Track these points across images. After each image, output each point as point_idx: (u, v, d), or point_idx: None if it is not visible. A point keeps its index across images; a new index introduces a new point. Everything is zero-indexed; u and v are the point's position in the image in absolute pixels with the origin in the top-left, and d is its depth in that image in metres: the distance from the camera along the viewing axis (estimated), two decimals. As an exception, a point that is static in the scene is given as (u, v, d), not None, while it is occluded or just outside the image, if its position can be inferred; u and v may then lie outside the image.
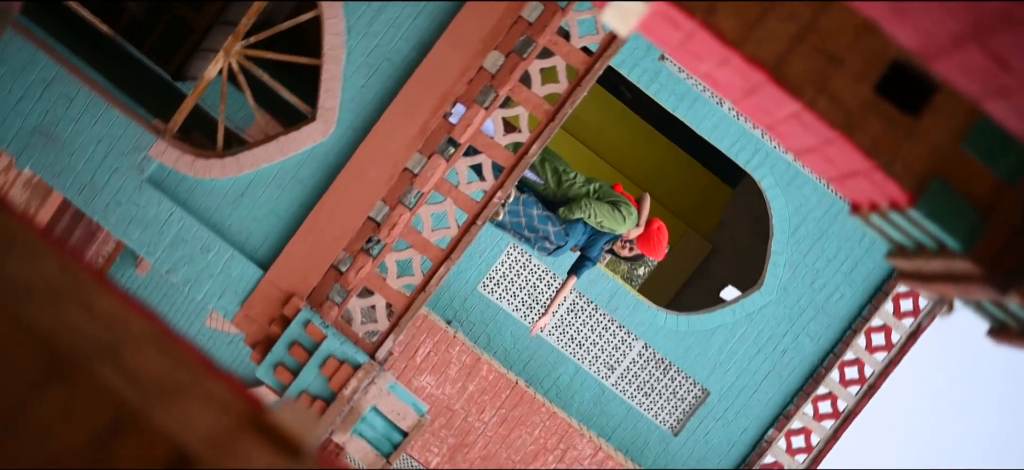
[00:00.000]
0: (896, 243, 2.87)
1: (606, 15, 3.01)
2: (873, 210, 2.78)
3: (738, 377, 11.01)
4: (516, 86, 6.75)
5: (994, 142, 2.59)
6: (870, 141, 2.54)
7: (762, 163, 10.56)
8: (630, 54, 10.22)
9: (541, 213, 8.38)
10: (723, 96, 2.91)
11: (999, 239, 2.57)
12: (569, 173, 8.39)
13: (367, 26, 6.74)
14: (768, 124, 2.88)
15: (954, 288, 2.78)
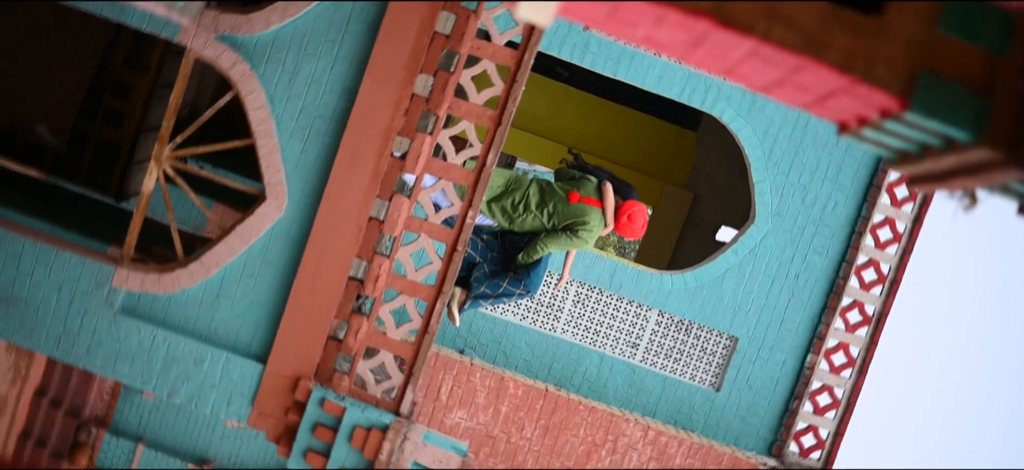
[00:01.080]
0: (897, 151, 2.61)
1: (521, 12, 2.78)
2: (863, 124, 2.52)
3: (760, 314, 10.75)
4: (454, 102, 6.48)
5: (972, 15, 2.33)
6: (841, 55, 2.28)
7: (717, 99, 10.32)
8: (556, 34, 9.96)
9: (498, 282, 8.07)
10: (669, 55, 2.64)
11: (1008, 116, 2.31)
12: (518, 208, 7.93)
13: (287, 90, 6.46)
14: (725, 69, 2.62)
15: (974, 179, 2.52)
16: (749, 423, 10.87)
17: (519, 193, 7.89)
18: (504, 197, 7.88)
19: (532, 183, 7.92)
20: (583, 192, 7.87)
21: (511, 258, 8.11)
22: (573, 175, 8.04)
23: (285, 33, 6.37)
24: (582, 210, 7.86)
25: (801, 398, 10.76)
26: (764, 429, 10.90)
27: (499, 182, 7.82)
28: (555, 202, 7.88)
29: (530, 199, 7.87)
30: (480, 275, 8.09)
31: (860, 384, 10.85)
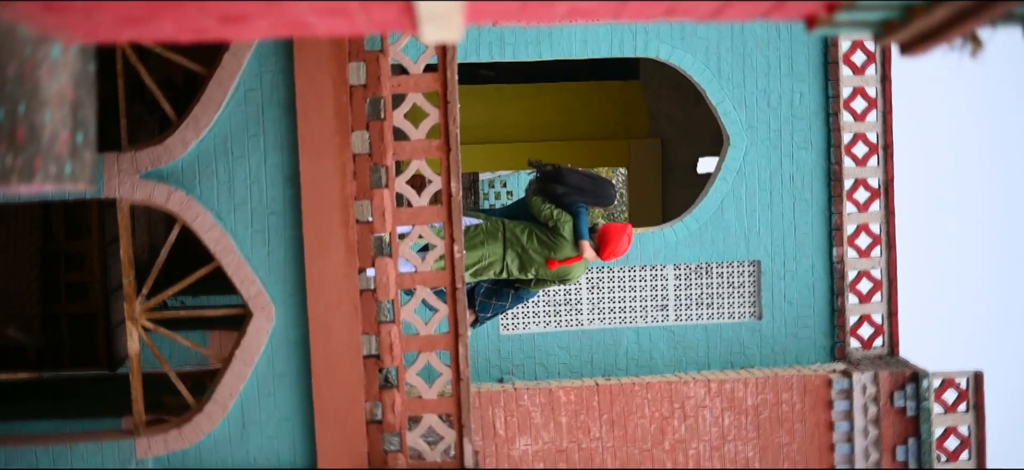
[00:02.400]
0: (879, 23, 2.22)
1: (426, 35, 2.42)
2: (833, 10, 2.14)
3: (772, 229, 10.36)
4: (396, 146, 6.13)
5: None
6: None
7: (647, 40, 9.96)
8: (469, 39, 9.62)
9: (502, 303, 7.87)
10: (598, 19, 2.27)
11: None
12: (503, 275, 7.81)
13: (231, 200, 6.09)
14: (665, 12, 2.24)
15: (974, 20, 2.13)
16: (802, 337, 10.47)
17: (498, 264, 7.71)
18: (486, 270, 7.72)
19: (507, 251, 7.67)
20: (560, 255, 7.73)
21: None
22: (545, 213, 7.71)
23: (206, 146, 6.00)
24: (564, 271, 7.82)
25: (842, 294, 10.36)
26: (819, 337, 10.50)
27: (472, 261, 7.57)
28: (536, 267, 7.77)
29: (511, 267, 7.72)
30: (483, 298, 7.85)
31: (894, 257, 10.47)
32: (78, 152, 3.10)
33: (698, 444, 9.76)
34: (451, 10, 2.26)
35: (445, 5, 2.21)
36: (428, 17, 2.33)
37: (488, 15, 2.36)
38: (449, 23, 2.34)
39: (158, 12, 2.47)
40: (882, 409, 9.75)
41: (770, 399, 9.89)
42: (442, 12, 2.27)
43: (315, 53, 5.72)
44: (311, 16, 2.48)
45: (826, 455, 9.84)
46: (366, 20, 2.48)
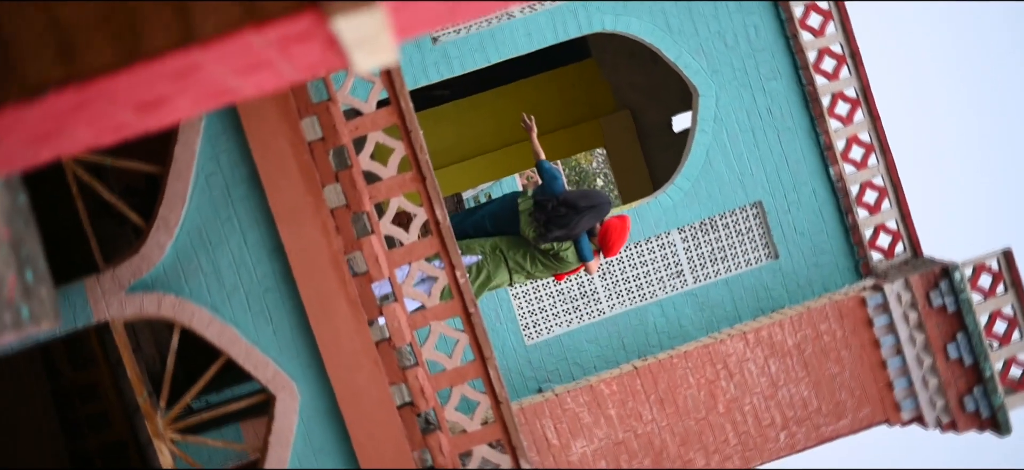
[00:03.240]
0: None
1: (359, 65, 2.16)
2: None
3: (764, 166, 10.07)
4: (371, 190, 5.86)
5: None
6: None
7: (589, 16, 9.70)
8: (413, 65, 9.36)
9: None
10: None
11: None
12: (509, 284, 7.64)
13: (222, 289, 5.84)
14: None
15: None
16: (823, 264, 10.16)
17: (505, 284, 7.58)
18: (492, 287, 7.53)
19: (513, 276, 7.52)
20: (566, 269, 7.76)
21: None
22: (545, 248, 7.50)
23: (183, 243, 5.74)
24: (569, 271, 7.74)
25: (851, 210, 10.06)
26: (840, 260, 10.19)
27: (479, 288, 7.36)
28: (545, 274, 7.70)
29: (515, 279, 7.62)
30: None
31: (891, 160, 10.17)
32: (32, 291, 2.84)
33: (751, 399, 9.45)
34: (375, 29, 1.99)
35: (367, 23, 1.94)
36: (354, 44, 2.06)
37: (417, 25, 2.09)
38: (378, 44, 2.07)
39: (66, 121, 2.21)
40: (922, 313, 9.44)
41: (809, 334, 9.59)
42: (366, 33, 2.00)
43: (264, 119, 5.47)
44: (232, 79, 2.21)
45: (879, 373, 9.53)
46: (290, 67, 2.21)
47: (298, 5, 1.93)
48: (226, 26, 1.97)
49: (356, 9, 1.89)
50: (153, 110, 2.28)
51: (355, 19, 1.92)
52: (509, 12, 9.61)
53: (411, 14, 2.00)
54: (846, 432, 9.37)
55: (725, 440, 9.34)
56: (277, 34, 1.99)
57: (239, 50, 2.03)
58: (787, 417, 9.40)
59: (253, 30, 1.96)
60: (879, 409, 9.42)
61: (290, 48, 2.08)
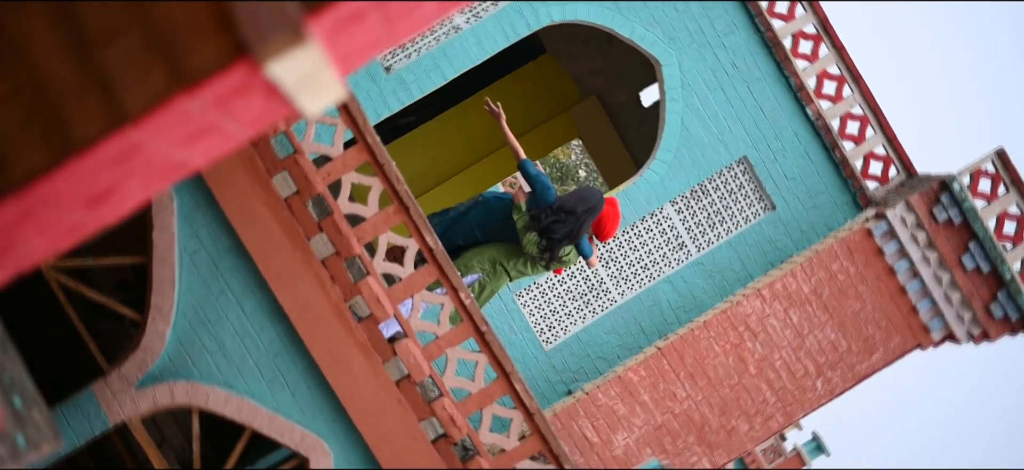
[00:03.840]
0: None
1: (307, 109, 1.99)
2: None
3: (741, 121, 9.89)
4: (357, 232, 5.69)
5: None
6: None
7: (535, 12, 9.52)
8: (372, 98, 9.18)
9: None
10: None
11: None
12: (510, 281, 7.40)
13: (231, 362, 5.67)
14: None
15: None
16: (821, 205, 9.97)
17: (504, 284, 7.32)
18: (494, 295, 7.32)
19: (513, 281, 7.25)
20: (565, 264, 7.60)
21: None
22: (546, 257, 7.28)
23: (182, 326, 5.57)
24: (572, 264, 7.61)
25: (837, 145, 9.87)
26: (837, 196, 9.98)
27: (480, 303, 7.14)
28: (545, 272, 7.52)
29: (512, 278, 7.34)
30: None
31: (864, 87, 10.00)
32: (24, 418, 2.67)
33: (780, 353, 9.26)
34: (313, 67, 1.81)
35: (303, 62, 1.77)
36: (296, 87, 1.88)
37: (358, 53, 1.91)
38: (321, 82, 1.90)
39: (14, 235, 2.03)
40: (929, 230, 9.25)
41: (823, 277, 9.40)
42: (306, 73, 1.82)
43: (235, 186, 5.31)
44: (177, 152, 2.04)
45: (901, 299, 9.34)
46: (237, 126, 2.04)
47: (227, 58, 1.75)
48: (155, 97, 1.79)
49: (288, 50, 1.71)
50: (103, 202, 2.11)
51: (290, 61, 1.74)
52: (455, 25, 9.45)
53: (348, 42, 1.82)
54: (881, 365, 9.18)
55: (763, 400, 9.15)
56: (212, 94, 1.81)
57: (176, 119, 1.86)
58: (819, 364, 9.21)
59: (185, 95, 1.79)
60: (908, 335, 9.23)
61: (230, 106, 1.90)
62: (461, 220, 6.92)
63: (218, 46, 1.75)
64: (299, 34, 1.70)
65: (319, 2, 1.68)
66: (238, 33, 1.72)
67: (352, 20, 1.74)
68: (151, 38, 1.77)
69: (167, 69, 1.77)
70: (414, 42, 9.51)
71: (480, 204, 7.17)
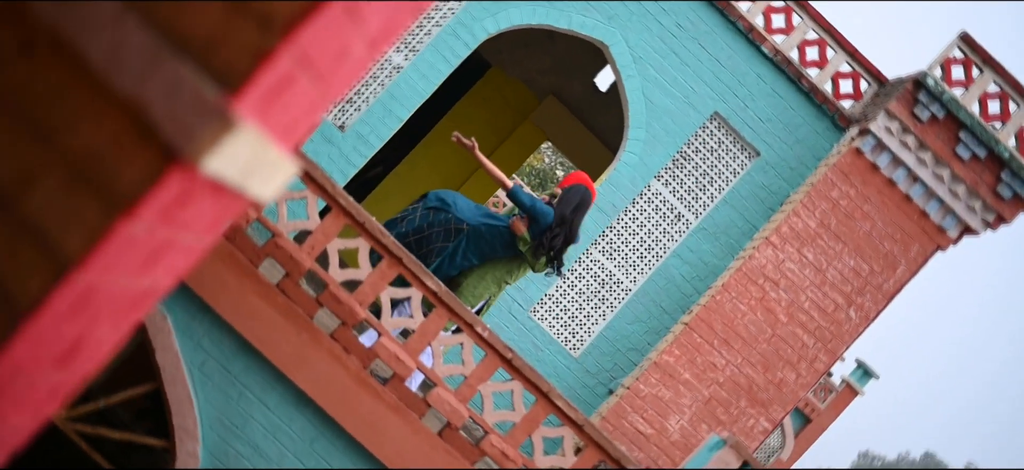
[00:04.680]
0: None
1: (261, 195, 1.81)
2: None
3: (702, 77, 9.69)
4: (357, 296, 5.50)
5: None
6: None
7: (470, 28, 9.36)
8: (335, 160, 9.03)
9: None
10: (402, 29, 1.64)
11: None
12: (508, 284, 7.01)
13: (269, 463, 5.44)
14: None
15: None
16: (803, 138, 9.73)
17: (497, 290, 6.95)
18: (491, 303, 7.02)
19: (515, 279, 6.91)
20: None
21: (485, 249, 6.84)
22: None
23: (211, 440, 5.37)
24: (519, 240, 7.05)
25: (801, 75, 9.67)
26: (816, 125, 9.74)
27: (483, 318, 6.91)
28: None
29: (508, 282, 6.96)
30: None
31: (813, 11, 9.81)
32: None
33: (805, 294, 9.02)
34: (253, 149, 1.61)
35: (241, 149, 1.57)
36: (242, 177, 1.68)
37: (298, 121, 1.71)
38: (267, 162, 1.70)
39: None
40: (917, 132, 9.04)
41: (826, 207, 9.18)
42: (247, 159, 1.62)
43: (224, 286, 5.11)
44: (138, 280, 1.84)
45: (908, 207, 9.10)
46: (193, 235, 1.84)
47: (157, 168, 1.55)
48: (94, 233, 1.59)
49: (220, 141, 1.51)
50: (75, 356, 1.91)
51: (225, 152, 1.54)
52: (395, 65, 9.27)
53: (283, 112, 1.62)
54: (907, 278, 8.94)
55: (802, 345, 8.91)
56: (153, 212, 1.61)
57: (123, 249, 1.66)
58: (847, 293, 8.97)
59: (125, 221, 1.59)
60: (926, 240, 8.99)
61: (177, 217, 1.70)
62: (453, 256, 6.58)
63: (145, 159, 1.55)
64: (227, 120, 1.50)
65: (239, 79, 1.48)
66: (162, 138, 1.52)
67: (280, 89, 1.54)
68: (73, 171, 1.57)
69: (98, 199, 1.57)
70: (359, 93, 9.35)
71: (468, 236, 6.71)
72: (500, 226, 6.63)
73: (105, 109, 1.53)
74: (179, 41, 1.50)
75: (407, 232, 6.42)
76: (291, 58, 1.51)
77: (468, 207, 6.74)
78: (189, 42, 1.49)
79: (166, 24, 1.49)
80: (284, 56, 1.49)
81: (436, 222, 6.50)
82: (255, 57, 1.49)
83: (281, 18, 1.45)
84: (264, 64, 1.50)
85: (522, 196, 6.65)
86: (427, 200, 6.69)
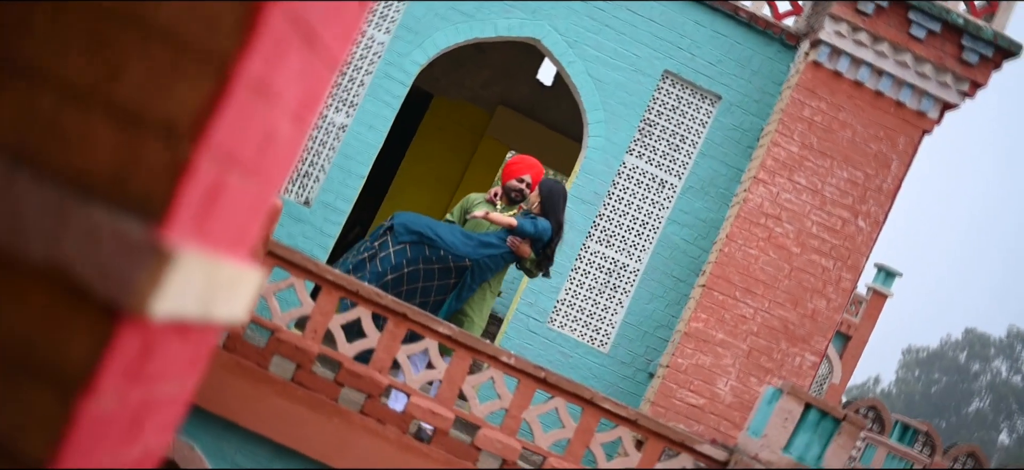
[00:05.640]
0: None
1: (236, 314, 1.60)
2: None
3: (641, 42, 9.52)
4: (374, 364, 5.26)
5: None
6: None
7: (402, 70, 9.18)
8: (306, 236, 8.92)
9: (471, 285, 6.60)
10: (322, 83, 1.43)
11: None
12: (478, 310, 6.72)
13: None
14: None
15: None
16: (759, 68, 9.54)
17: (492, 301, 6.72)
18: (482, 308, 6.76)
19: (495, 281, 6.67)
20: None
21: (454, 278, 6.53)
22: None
23: None
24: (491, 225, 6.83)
25: (736, 9, 9.49)
26: (766, 50, 9.50)
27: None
28: None
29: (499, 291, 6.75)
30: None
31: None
32: None
33: (808, 218, 8.79)
34: (203, 273, 1.39)
35: (190, 277, 1.34)
36: (204, 306, 1.46)
37: (247, 223, 1.50)
38: (227, 280, 1.48)
39: None
40: (867, 27, 8.83)
41: (802, 128, 8.97)
42: (203, 286, 1.40)
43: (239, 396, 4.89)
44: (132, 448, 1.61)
45: (881, 101, 8.88)
46: (173, 384, 1.61)
47: (104, 333, 1.32)
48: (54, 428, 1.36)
49: (162, 278, 1.28)
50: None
51: (172, 288, 1.31)
52: (340, 125, 9.09)
53: (225, 220, 1.40)
54: (903, 171, 8.71)
55: (823, 270, 8.68)
56: (115, 379, 1.38)
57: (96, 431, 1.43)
58: (850, 205, 8.74)
59: (86, 402, 1.36)
60: (909, 129, 8.77)
61: (145, 373, 1.47)
62: (460, 293, 6.33)
63: (87, 326, 1.32)
64: (163, 254, 1.27)
65: (161, 205, 1.26)
66: (98, 298, 1.29)
67: (211, 199, 1.32)
68: (11, 364, 1.35)
69: (49, 390, 1.34)
70: (313, 164, 9.15)
71: (472, 272, 6.43)
72: (500, 252, 6.43)
73: (24, 286, 1.30)
74: (83, 185, 1.27)
75: (384, 271, 6.05)
76: (212, 162, 1.28)
77: (455, 238, 6.42)
78: (94, 182, 1.27)
79: (62, 171, 1.26)
80: (203, 163, 1.26)
81: (425, 258, 6.17)
82: (171, 175, 1.26)
83: (185, 123, 1.23)
84: (184, 179, 1.27)
85: (527, 227, 6.45)
86: (397, 233, 6.28)
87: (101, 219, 1.26)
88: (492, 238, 6.51)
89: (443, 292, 6.22)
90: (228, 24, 1.21)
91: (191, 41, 1.21)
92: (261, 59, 1.25)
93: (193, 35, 1.21)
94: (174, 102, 1.22)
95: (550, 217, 6.60)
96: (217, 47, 1.22)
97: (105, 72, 1.21)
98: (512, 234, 6.40)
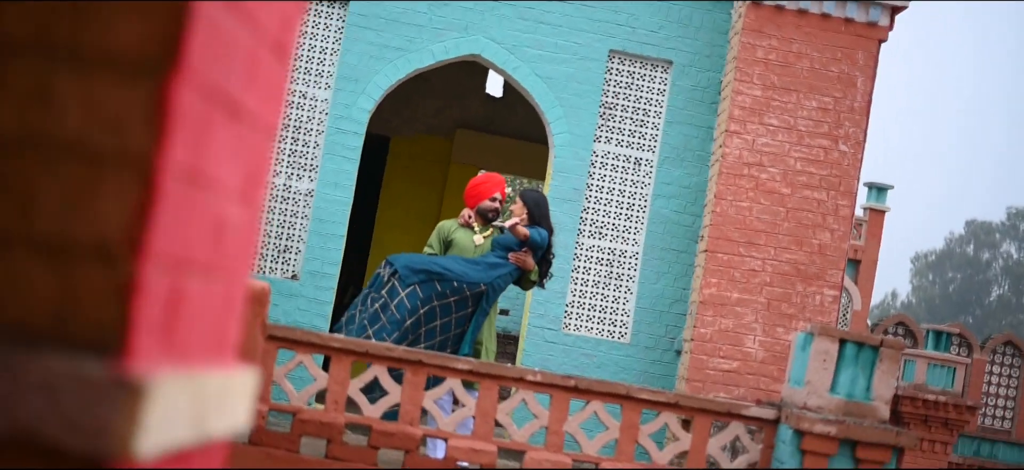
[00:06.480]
0: None
1: (235, 423, 1.44)
2: None
3: (580, 28, 9.40)
4: (403, 418, 5.09)
5: None
6: None
7: (351, 123, 9.01)
8: (302, 310, 8.79)
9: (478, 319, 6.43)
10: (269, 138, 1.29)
11: None
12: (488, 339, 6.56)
13: None
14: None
15: None
16: (700, 23, 9.38)
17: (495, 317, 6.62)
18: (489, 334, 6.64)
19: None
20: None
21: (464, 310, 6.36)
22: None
23: None
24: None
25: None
26: (705, 4, 9.40)
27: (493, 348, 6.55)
28: None
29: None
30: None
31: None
32: None
33: (790, 156, 8.62)
34: (186, 394, 1.24)
35: (173, 403, 1.19)
36: (197, 425, 1.31)
37: (224, 328, 1.35)
38: (214, 394, 1.34)
39: None
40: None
41: (759, 69, 8.83)
42: (188, 407, 1.25)
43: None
44: None
45: (830, 22, 8.71)
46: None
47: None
48: None
49: (139, 414, 1.13)
50: None
51: (154, 420, 1.16)
52: (305, 191, 8.97)
53: (196, 329, 1.25)
54: (870, 86, 8.58)
55: (818, 202, 8.54)
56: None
57: None
58: (826, 132, 8.61)
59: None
60: (864, 42, 8.64)
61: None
62: (480, 317, 6.19)
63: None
64: (133, 388, 1.12)
65: (117, 334, 1.11)
66: (75, 456, 1.15)
67: (172, 312, 1.17)
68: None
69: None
70: (290, 237, 9.01)
71: (487, 296, 6.31)
72: (508, 270, 6.36)
73: (-7, 467, 1.14)
74: (25, 335, 1.12)
75: (402, 318, 5.93)
76: (161, 272, 1.13)
77: (463, 266, 6.31)
78: (36, 329, 1.12)
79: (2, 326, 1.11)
80: (150, 275, 1.11)
81: (438, 294, 6.04)
82: (119, 299, 1.11)
83: (118, 239, 1.08)
84: (134, 300, 1.12)
85: (534, 236, 6.42)
86: (403, 277, 6.12)
87: (55, 366, 1.11)
88: (492, 258, 6.41)
89: (462, 323, 6.11)
90: (137, 119, 1.06)
91: (102, 149, 1.07)
92: (184, 147, 1.10)
93: (102, 142, 1.06)
94: (100, 220, 1.07)
95: (542, 224, 6.56)
96: (132, 147, 1.07)
97: (16, 208, 1.06)
98: (526, 245, 6.38)
